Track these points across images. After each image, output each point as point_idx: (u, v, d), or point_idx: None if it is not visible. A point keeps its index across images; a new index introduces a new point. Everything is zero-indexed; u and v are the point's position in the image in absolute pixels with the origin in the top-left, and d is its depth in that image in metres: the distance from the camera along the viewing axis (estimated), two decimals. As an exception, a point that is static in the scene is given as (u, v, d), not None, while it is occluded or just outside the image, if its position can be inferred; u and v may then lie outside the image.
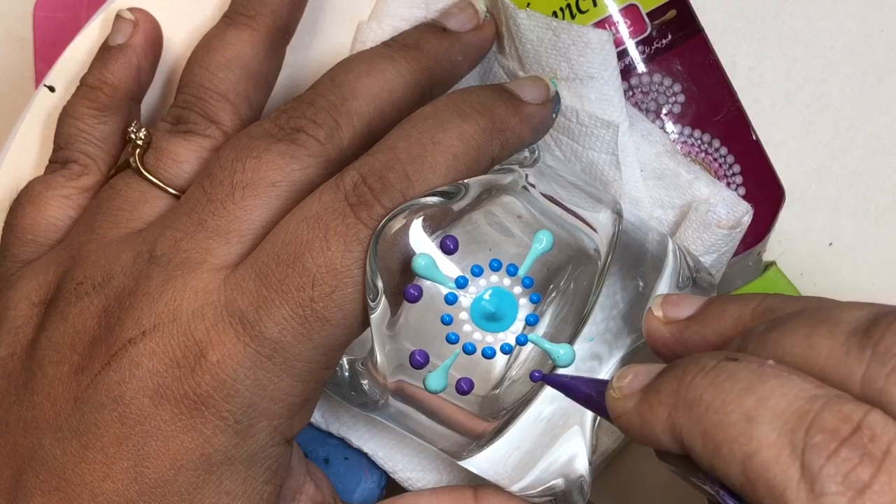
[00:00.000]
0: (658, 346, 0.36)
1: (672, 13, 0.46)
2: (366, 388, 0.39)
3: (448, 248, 0.36)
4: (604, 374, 0.39)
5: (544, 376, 0.37)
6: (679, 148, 0.46)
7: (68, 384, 0.37)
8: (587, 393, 0.35)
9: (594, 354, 0.39)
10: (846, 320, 0.31)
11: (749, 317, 0.34)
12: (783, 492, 0.28)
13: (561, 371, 0.38)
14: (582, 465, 0.40)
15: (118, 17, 0.43)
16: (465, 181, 0.37)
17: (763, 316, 0.34)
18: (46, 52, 0.55)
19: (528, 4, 0.45)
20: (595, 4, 0.45)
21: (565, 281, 0.38)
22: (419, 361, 0.37)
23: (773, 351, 0.32)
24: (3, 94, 0.58)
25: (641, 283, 0.39)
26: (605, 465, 0.48)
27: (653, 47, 0.46)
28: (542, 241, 0.37)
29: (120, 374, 0.36)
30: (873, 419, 0.29)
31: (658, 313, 0.36)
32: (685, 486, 0.34)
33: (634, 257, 0.40)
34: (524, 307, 0.37)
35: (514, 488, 0.40)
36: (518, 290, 0.37)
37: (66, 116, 0.43)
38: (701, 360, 0.32)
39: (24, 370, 0.38)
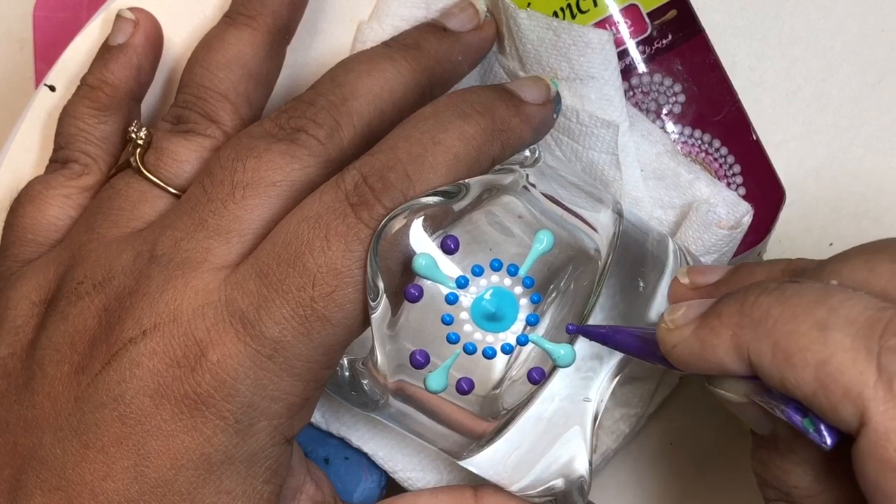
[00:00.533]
0: None
1: (672, 13, 0.46)
2: (366, 387, 0.39)
3: (449, 247, 0.36)
4: (604, 374, 0.39)
5: (578, 328, 0.37)
6: (679, 148, 0.46)
7: (69, 383, 0.37)
8: (629, 337, 0.36)
9: (595, 354, 0.39)
10: None
11: (780, 276, 0.35)
12: (860, 392, 0.29)
13: (562, 371, 0.38)
14: (582, 466, 0.40)
15: (119, 16, 0.43)
16: (466, 181, 0.37)
17: (795, 274, 0.35)
18: (46, 52, 0.55)
19: (529, 4, 0.45)
20: (595, 4, 0.45)
21: (566, 281, 0.38)
22: (420, 361, 0.37)
23: (832, 278, 0.33)
24: (3, 94, 0.58)
25: (642, 284, 0.39)
26: (604, 465, 0.48)
27: (653, 47, 0.46)
28: (543, 242, 0.37)
29: (120, 374, 0.36)
30: None
31: (685, 280, 0.37)
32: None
33: (635, 257, 0.40)
34: (525, 307, 0.37)
35: (514, 488, 0.40)
36: (519, 290, 0.37)
37: (67, 116, 0.43)
38: (762, 283, 0.32)
39: (24, 370, 0.38)
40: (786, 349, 0.30)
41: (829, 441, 0.30)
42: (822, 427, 0.31)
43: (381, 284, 0.36)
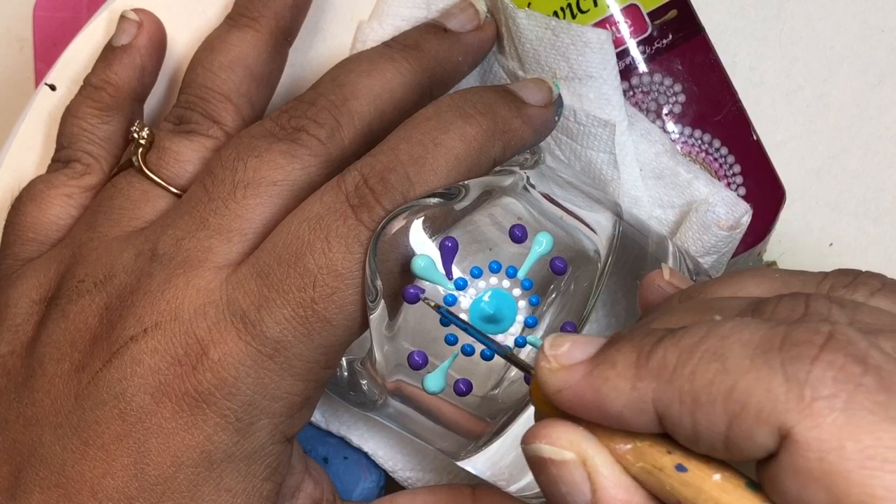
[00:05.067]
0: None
1: (673, 13, 0.46)
2: (364, 388, 0.39)
3: (448, 249, 0.36)
4: None
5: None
6: (679, 148, 0.46)
7: (69, 381, 0.37)
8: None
9: None
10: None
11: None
12: (773, 409, 0.27)
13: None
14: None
15: (122, 17, 0.44)
16: (466, 182, 0.37)
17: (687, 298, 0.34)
18: (46, 52, 0.55)
19: (529, 4, 0.45)
20: (596, 4, 0.45)
21: (565, 282, 0.38)
22: (418, 362, 0.37)
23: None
24: (3, 94, 0.58)
25: (641, 286, 0.39)
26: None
27: (653, 47, 0.46)
28: (542, 244, 0.37)
29: (121, 372, 0.36)
30: (842, 330, 0.28)
31: (666, 275, 0.35)
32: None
33: (634, 259, 0.40)
34: (523, 309, 0.37)
35: (512, 489, 0.40)
36: (517, 291, 0.37)
37: (70, 116, 0.43)
38: (650, 330, 0.30)
39: (24, 367, 0.38)
40: (690, 391, 0.28)
41: None
42: None
43: (379, 285, 0.36)
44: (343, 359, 0.39)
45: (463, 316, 0.36)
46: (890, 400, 0.27)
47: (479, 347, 0.37)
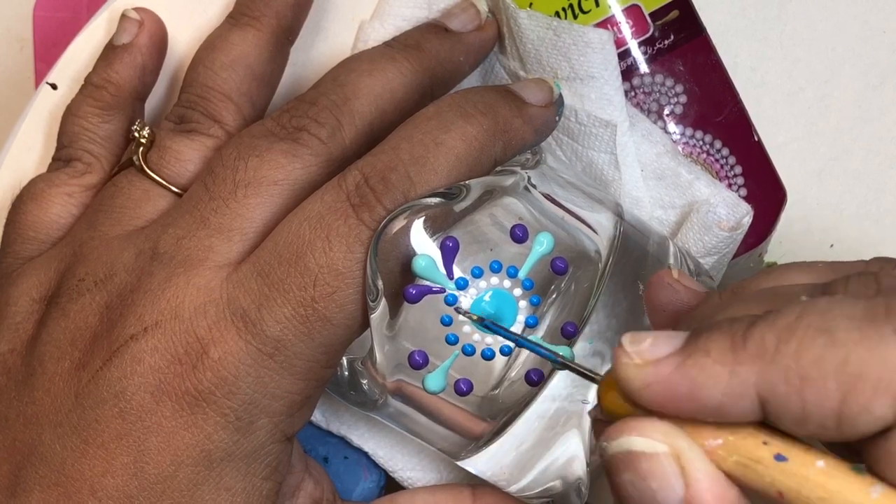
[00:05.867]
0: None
1: (674, 14, 0.46)
2: (365, 387, 0.39)
3: (449, 248, 0.36)
4: (605, 373, 0.39)
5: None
6: (681, 149, 0.46)
7: (69, 380, 0.37)
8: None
9: (596, 352, 0.39)
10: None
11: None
12: (891, 380, 0.26)
13: (560, 373, 0.38)
14: (580, 467, 0.40)
15: (123, 16, 0.44)
16: (467, 182, 0.37)
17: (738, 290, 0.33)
18: (46, 52, 0.55)
19: (531, 4, 0.45)
20: (597, 5, 0.45)
21: (566, 283, 0.38)
22: (418, 362, 0.37)
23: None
24: (3, 94, 0.58)
25: (642, 286, 0.39)
26: (602, 467, 0.48)
27: (655, 48, 0.46)
28: (543, 244, 0.37)
29: (121, 370, 0.36)
30: None
31: (675, 274, 0.35)
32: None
33: (635, 259, 0.40)
34: (524, 309, 0.37)
35: (512, 489, 0.40)
36: (518, 291, 0.37)
37: (71, 115, 0.43)
38: (743, 317, 0.29)
39: (24, 366, 0.38)
40: (798, 370, 0.27)
41: None
42: None
43: (380, 285, 0.36)
44: (343, 358, 0.40)
45: (464, 317, 0.36)
46: None
47: (479, 347, 0.37)
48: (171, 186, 0.40)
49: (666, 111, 0.46)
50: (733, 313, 0.30)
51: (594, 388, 0.39)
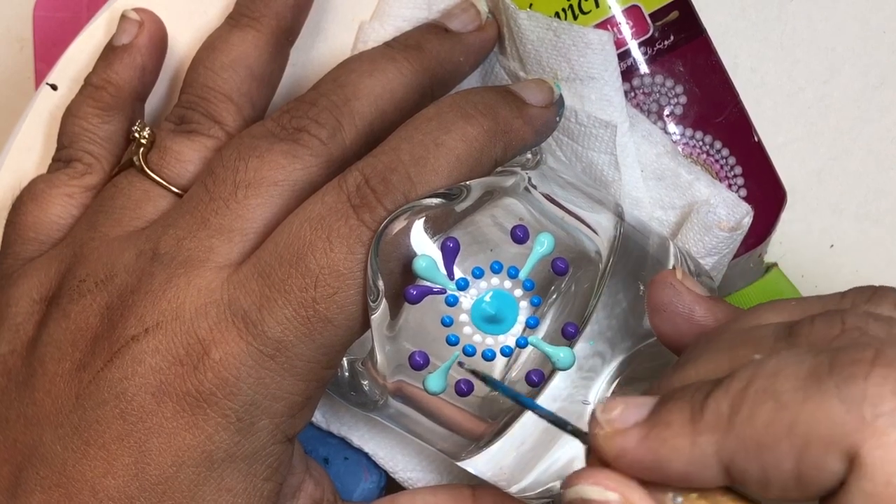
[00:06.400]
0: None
1: (674, 14, 0.46)
2: (365, 388, 0.39)
3: (449, 249, 0.36)
4: (606, 373, 0.39)
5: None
6: (681, 149, 0.46)
7: (70, 381, 0.37)
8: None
9: (597, 352, 0.39)
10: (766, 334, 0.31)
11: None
12: (837, 435, 0.27)
13: (561, 374, 0.38)
14: (580, 468, 0.40)
15: (123, 17, 0.44)
16: (468, 183, 0.37)
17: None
18: (46, 52, 0.55)
19: (531, 5, 0.45)
20: (597, 5, 0.45)
21: (566, 283, 0.38)
22: (419, 362, 0.37)
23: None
24: (3, 94, 0.58)
25: (642, 286, 0.39)
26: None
27: (655, 48, 0.46)
28: (544, 244, 0.37)
29: (122, 371, 0.36)
30: (888, 344, 0.27)
31: (679, 275, 0.35)
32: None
33: (636, 260, 0.40)
34: (525, 310, 0.37)
35: (513, 490, 0.40)
36: (519, 292, 0.37)
37: (71, 116, 0.43)
38: (699, 384, 0.30)
39: (24, 367, 0.38)
40: (753, 436, 0.28)
41: None
42: None
43: (381, 285, 0.36)
44: (344, 359, 0.40)
45: (464, 317, 0.36)
46: None
47: (480, 348, 0.37)
48: (171, 187, 0.40)
49: (666, 112, 0.46)
50: (697, 366, 0.31)
51: (594, 388, 0.39)
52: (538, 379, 0.37)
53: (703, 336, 0.34)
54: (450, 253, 0.36)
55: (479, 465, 0.40)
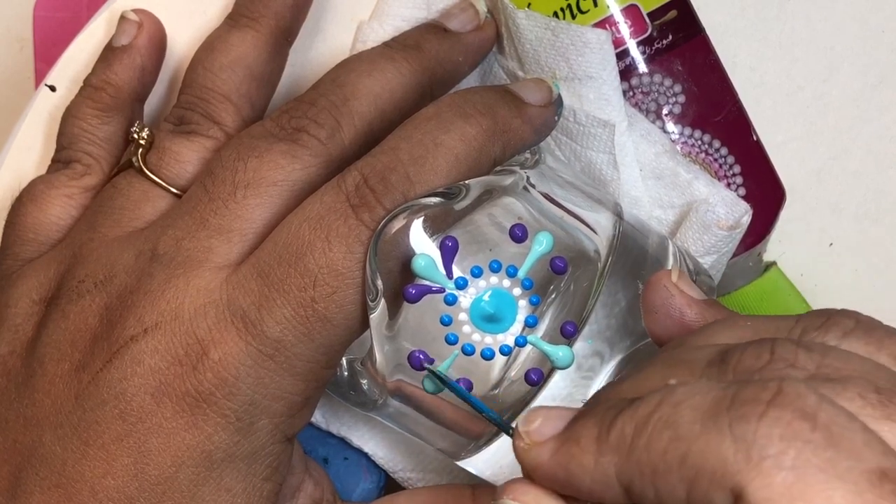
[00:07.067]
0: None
1: (673, 13, 0.46)
2: (365, 387, 0.39)
3: (448, 248, 0.36)
4: (605, 372, 0.40)
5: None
6: (679, 148, 0.46)
7: (69, 381, 0.37)
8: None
9: (596, 352, 0.39)
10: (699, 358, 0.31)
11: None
12: (724, 472, 0.27)
13: (560, 373, 0.38)
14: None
15: (122, 18, 0.44)
16: (466, 182, 0.37)
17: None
18: (46, 52, 0.55)
19: (529, 5, 0.45)
20: (596, 5, 0.45)
21: (565, 282, 0.38)
22: (418, 362, 0.37)
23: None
24: (3, 94, 0.58)
25: (642, 286, 0.39)
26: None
27: (653, 48, 0.46)
28: (543, 243, 0.37)
29: (122, 372, 0.36)
30: (791, 384, 0.27)
31: (674, 278, 0.35)
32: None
33: (635, 259, 0.40)
34: (523, 309, 0.37)
35: (513, 489, 0.40)
36: (518, 291, 0.37)
37: (70, 116, 0.43)
38: (611, 401, 0.30)
39: (24, 367, 0.38)
40: (648, 462, 0.28)
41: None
42: None
43: (380, 285, 0.36)
44: (343, 359, 0.40)
45: (463, 316, 0.37)
46: (839, 457, 0.26)
47: (479, 347, 0.37)
48: (170, 188, 0.40)
49: (664, 111, 0.46)
50: (634, 382, 0.31)
51: (594, 387, 0.39)
52: (537, 378, 0.37)
53: (666, 348, 0.34)
54: (449, 252, 0.36)
55: (479, 464, 0.40)
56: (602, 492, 0.29)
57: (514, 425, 0.31)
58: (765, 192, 0.47)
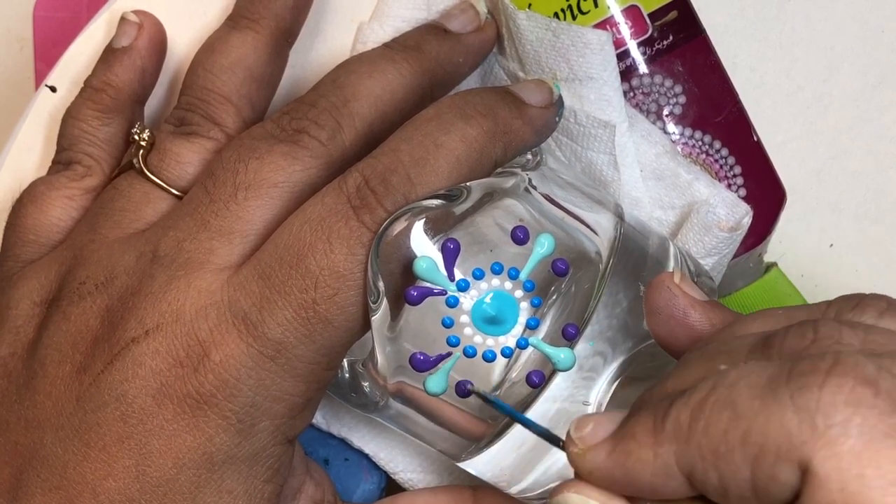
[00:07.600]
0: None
1: (673, 14, 0.46)
2: (366, 389, 0.39)
3: (449, 250, 0.36)
4: (607, 374, 0.40)
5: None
6: (680, 149, 0.46)
7: (70, 383, 0.37)
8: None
9: (598, 353, 0.39)
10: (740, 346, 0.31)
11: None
12: (789, 446, 0.27)
13: (561, 374, 0.38)
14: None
15: (123, 19, 0.44)
16: (468, 184, 0.37)
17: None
18: (46, 52, 0.55)
19: (530, 6, 0.45)
20: (596, 5, 0.45)
21: (566, 284, 0.38)
22: (420, 363, 0.37)
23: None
24: (3, 94, 0.58)
25: (643, 287, 0.39)
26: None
27: (654, 48, 0.46)
28: (544, 245, 0.37)
29: (123, 373, 0.36)
30: (848, 354, 0.27)
31: (676, 279, 0.35)
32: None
33: (636, 261, 0.40)
34: (525, 311, 0.37)
35: (513, 490, 0.40)
36: (519, 293, 0.37)
37: (70, 118, 0.43)
38: (665, 394, 0.30)
39: (25, 369, 0.38)
40: (710, 446, 0.28)
41: None
42: None
43: (381, 286, 0.36)
44: (344, 360, 0.40)
45: (464, 318, 0.37)
46: None
47: (480, 349, 0.37)
48: (171, 189, 0.40)
49: (665, 112, 0.46)
50: (678, 379, 0.31)
51: (595, 388, 0.39)
52: (538, 380, 0.37)
53: (695, 346, 0.34)
54: (450, 254, 0.36)
55: (480, 465, 0.40)
56: (664, 484, 0.29)
57: (564, 434, 0.32)
58: (765, 193, 0.47)
